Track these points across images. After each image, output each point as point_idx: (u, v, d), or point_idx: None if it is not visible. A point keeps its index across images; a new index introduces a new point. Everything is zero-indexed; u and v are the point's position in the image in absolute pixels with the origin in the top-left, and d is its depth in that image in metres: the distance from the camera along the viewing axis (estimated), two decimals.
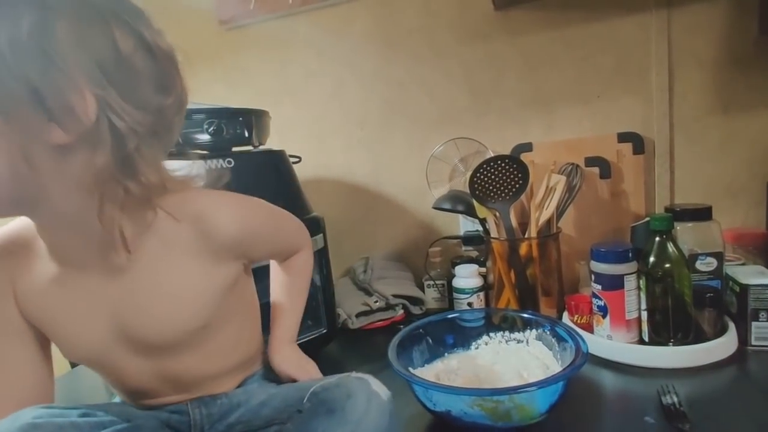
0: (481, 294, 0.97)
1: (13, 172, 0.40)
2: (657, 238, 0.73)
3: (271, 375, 0.62)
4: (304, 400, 0.50)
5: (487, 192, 0.93)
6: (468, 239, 1.10)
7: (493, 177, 0.92)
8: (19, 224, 0.50)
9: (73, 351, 0.52)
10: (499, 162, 0.92)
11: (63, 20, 0.38)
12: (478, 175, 0.92)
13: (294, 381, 0.59)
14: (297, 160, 1.02)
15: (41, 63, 0.37)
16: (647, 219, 0.79)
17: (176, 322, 0.51)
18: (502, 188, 0.93)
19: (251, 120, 0.86)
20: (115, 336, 0.51)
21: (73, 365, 1.09)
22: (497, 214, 0.93)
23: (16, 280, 0.50)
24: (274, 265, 0.68)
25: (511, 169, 0.92)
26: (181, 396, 0.56)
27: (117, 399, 0.61)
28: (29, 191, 0.41)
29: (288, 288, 0.66)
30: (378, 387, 0.49)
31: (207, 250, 0.51)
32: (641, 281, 0.75)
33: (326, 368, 0.62)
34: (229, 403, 0.57)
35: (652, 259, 0.73)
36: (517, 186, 0.92)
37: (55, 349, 0.54)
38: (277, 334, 0.64)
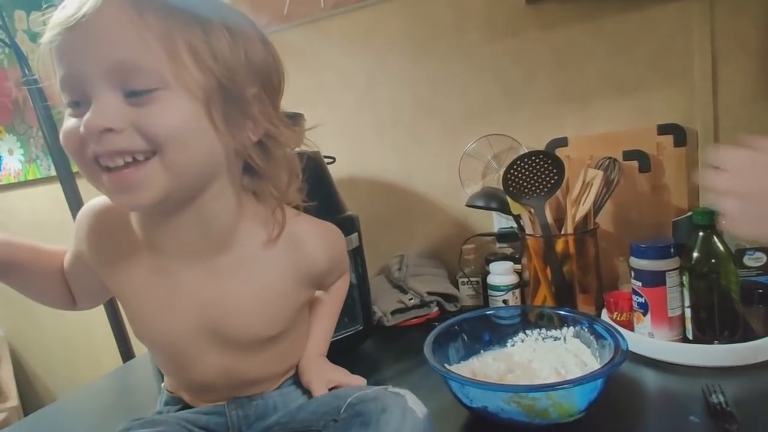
0: (517, 291, 0.97)
1: (216, 145, 0.46)
2: (701, 233, 0.71)
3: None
4: (341, 410, 0.51)
5: (522, 188, 0.92)
6: (502, 236, 1.09)
7: (527, 173, 0.91)
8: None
9: (152, 336, 0.54)
10: (533, 158, 0.91)
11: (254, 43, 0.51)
12: (511, 171, 0.91)
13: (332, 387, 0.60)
14: (331, 160, 1.04)
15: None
16: (690, 213, 0.77)
17: (264, 326, 0.55)
18: (536, 184, 0.92)
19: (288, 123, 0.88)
20: (200, 329, 0.53)
21: (126, 359, 1.16)
22: (532, 210, 0.92)
23: (107, 252, 0.53)
24: None
25: (546, 165, 0.91)
26: (229, 396, 0.59)
27: (164, 395, 0.64)
28: (214, 168, 0.47)
29: (325, 307, 0.69)
30: (414, 404, 0.49)
31: (297, 272, 0.55)
32: (684, 277, 0.73)
33: (363, 365, 0.64)
34: (264, 405, 0.59)
35: (695, 254, 0.71)
36: (552, 182, 0.91)
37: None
38: (310, 349, 0.66)
